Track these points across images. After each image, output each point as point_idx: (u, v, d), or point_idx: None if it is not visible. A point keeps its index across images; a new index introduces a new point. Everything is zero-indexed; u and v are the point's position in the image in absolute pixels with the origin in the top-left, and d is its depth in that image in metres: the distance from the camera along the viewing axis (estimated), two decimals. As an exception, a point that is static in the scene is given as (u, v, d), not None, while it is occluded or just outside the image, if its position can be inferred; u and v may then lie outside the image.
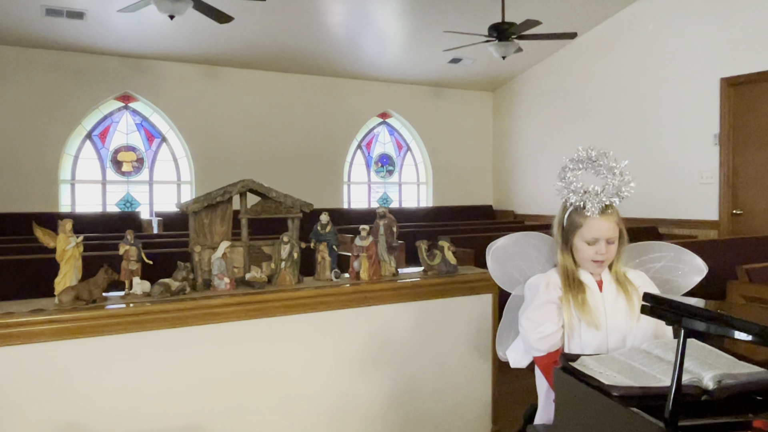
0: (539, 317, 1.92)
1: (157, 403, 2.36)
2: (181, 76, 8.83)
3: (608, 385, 1.46)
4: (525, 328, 1.94)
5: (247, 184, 2.74)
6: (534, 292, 1.97)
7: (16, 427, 2.12)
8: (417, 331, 2.93)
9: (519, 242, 2.14)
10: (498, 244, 2.13)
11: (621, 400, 1.41)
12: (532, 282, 2.01)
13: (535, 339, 1.91)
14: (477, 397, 3.09)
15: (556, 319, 1.92)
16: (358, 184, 10.70)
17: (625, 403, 1.40)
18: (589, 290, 1.93)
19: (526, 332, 1.94)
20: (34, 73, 7.97)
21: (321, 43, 8.57)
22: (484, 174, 11.33)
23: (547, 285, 1.95)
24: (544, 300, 1.93)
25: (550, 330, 1.90)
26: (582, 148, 1.95)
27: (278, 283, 2.72)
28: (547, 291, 1.94)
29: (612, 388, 1.45)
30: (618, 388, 1.44)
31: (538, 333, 1.90)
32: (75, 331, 2.21)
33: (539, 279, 1.99)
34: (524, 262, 2.09)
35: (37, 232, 2.27)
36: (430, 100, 10.79)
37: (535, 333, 1.91)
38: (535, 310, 1.93)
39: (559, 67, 9.58)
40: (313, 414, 2.69)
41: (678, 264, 2.10)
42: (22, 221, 7.14)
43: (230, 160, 8.99)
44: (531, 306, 1.95)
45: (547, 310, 1.92)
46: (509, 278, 2.13)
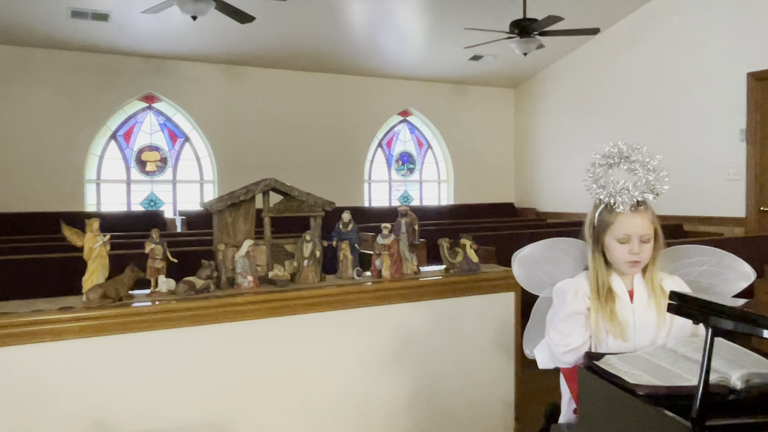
0: (566, 328, 1.84)
1: (182, 399, 2.39)
2: (203, 76, 8.92)
3: (633, 384, 1.44)
4: (552, 339, 1.87)
5: (270, 182, 2.77)
6: (561, 299, 1.89)
7: (45, 423, 2.16)
8: (439, 330, 2.92)
9: (547, 248, 2.05)
10: (525, 252, 2.05)
11: (647, 400, 1.40)
12: (560, 288, 1.93)
13: (562, 352, 1.84)
14: (499, 396, 3.08)
15: (583, 330, 1.84)
16: (379, 183, 10.71)
17: (651, 402, 1.39)
18: (619, 300, 1.84)
19: (553, 344, 1.86)
20: (60, 74, 8.10)
21: (342, 42, 8.59)
22: (506, 171, 11.27)
23: (575, 293, 1.87)
24: (571, 310, 1.85)
25: (577, 343, 1.83)
26: (612, 143, 1.89)
27: (301, 281, 2.74)
28: (575, 300, 1.85)
29: (637, 387, 1.43)
30: (644, 387, 1.42)
31: (564, 346, 1.83)
32: (102, 329, 2.25)
33: (568, 285, 1.90)
34: (553, 266, 2.01)
35: (66, 231, 2.31)
36: (450, 97, 10.75)
37: (562, 346, 1.83)
38: (562, 321, 1.86)
39: (582, 62, 9.49)
40: (336, 411, 2.71)
41: (721, 269, 1.99)
42: (49, 220, 7.26)
43: (252, 159, 9.06)
44: (558, 315, 1.88)
45: (574, 322, 1.85)
46: (537, 282, 2.06)
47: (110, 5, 6.99)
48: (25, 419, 2.14)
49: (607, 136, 8.59)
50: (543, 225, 8.16)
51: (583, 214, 2.02)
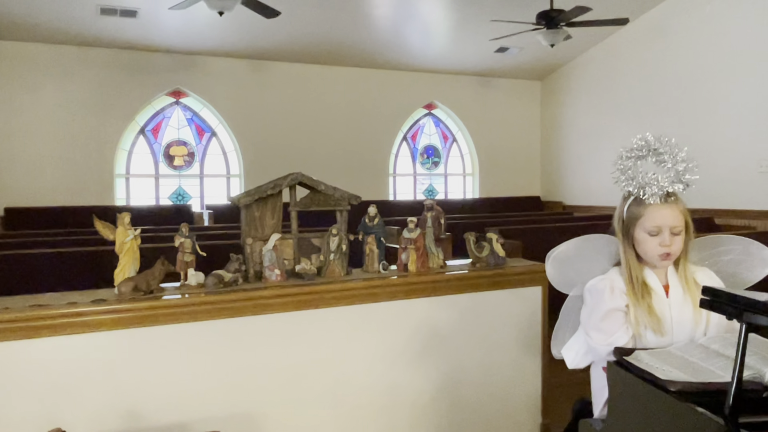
0: (609, 327, 1.80)
1: (210, 391, 2.42)
2: (229, 71, 8.99)
3: (665, 380, 1.42)
4: (595, 340, 1.82)
5: (296, 177, 2.78)
6: (598, 297, 1.84)
7: (77, 413, 2.21)
8: (465, 324, 2.92)
9: (580, 246, 2.00)
10: (559, 251, 2.02)
11: (678, 396, 1.38)
12: (594, 286, 1.87)
13: (608, 352, 1.77)
14: (526, 390, 3.06)
15: (625, 327, 1.80)
16: (404, 176, 10.71)
17: (683, 398, 1.37)
18: (655, 295, 1.81)
19: (597, 344, 1.81)
20: (90, 70, 8.25)
21: (366, 35, 8.59)
22: (532, 164, 11.17)
23: (612, 290, 1.82)
24: (610, 307, 1.80)
25: (623, 341, 1.78)
26: (640, 136, 1.85)
27: (327, 275, 2.76)
28: (613, 297, 1.81)
29: (669, 383, 1.41)
30: (675, 383, 1.40)
31: (609, 345, 1.78)
32: (133, 321, 2.29)
33: (603, 283, 1.85)
34: (584, 264, 1.96)
35: (98, 225, 2.35)
36: (476, 90, 10.69)
37: (607, 345, 1.78)
38: (603, 320, 1.81)
39: (610, 54, 9.34)
40: (362, 404, 2.72)
41: (746, 257, 1.95)
42: (81, 214, 7.42)
43: (278, 153, 9.12)
44: (596, 314, 1.83)
45: (615, 319, 1.80)
46: (567, 281, 2.02)
47: (138, 2, 7.08)
48: (58, 408, 2.19)
49: (635, 127, 8.46)
50: (570, 218, 8.07)
51: (611, 208, 1.99)
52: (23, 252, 3.95)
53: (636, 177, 1.81)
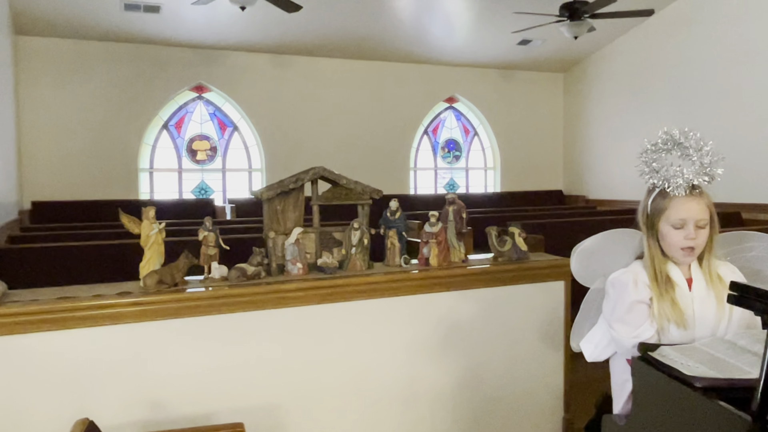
0: (633, 320, 1.78)
1: (234, 383, 2.45)
2: (251, 65, 9.04)
3: (691, 376, 1.41)
4: (620, 332, 1.80)
5: (318, 171, 2.79)
6: (622, 290, 1.82)
7: (102, 403, 2.25)
8: (487, 318, 2.91)
9: (605, 240, 2.00)
10: (584, 246, 2.01)
11: (704, 392, 1.36)
12: (617, 279, 1.85)
13: (633, 344, 1.76)
14: (549, 385, 3.05)
15: (650, 320, 1.78)
16: (425, 170, 10.68)
17: (709, 395, 1.35)
18: (678, 289, 1.79)
19: (622, 337, 1.80)
20: (114, 66, 8.35)
21: (388, 29, 8.57)
22: (554, 158, 11.08)
23: (635, 283, 1.80)
24: (634, 300, 1.79)
25: (648, 334, 1.76)
26: (664, 130, 1.83)
27: (349, 269, 2.77)
28: (637, 290, 1.79)
29: (695, 379, 1.39)
30: (701, 380, 1.38)
31: (634, 338, 1.76)
32: (158, 313, 2.32)
33: (626, 276, 1.83)
34: (609, 258, 1.95)
35: (123, 219, 2.39)
36: (498, 83, 10.62)
37: (632, 338, 1.77)
38: (627, 312, 1.79)
39: (635, 45, 9.21)
40: (384, 397, 2.73)
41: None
42: (106, 208, 7.53)
43: (299, 147, 9.16)
44: (621, 306, 1.81)
45: (639, 312, 1.78)
46: (592, 275, 2.02)
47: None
48: (85, 399, 2.23)
49: (660, 120, 8.35)
50: (593, 213, 8.00)
51: (635, 202, 1.98)
52: (51, 245, 4.03)
53: (661, 169, 1.79)
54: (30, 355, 2.17)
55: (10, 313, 2.13)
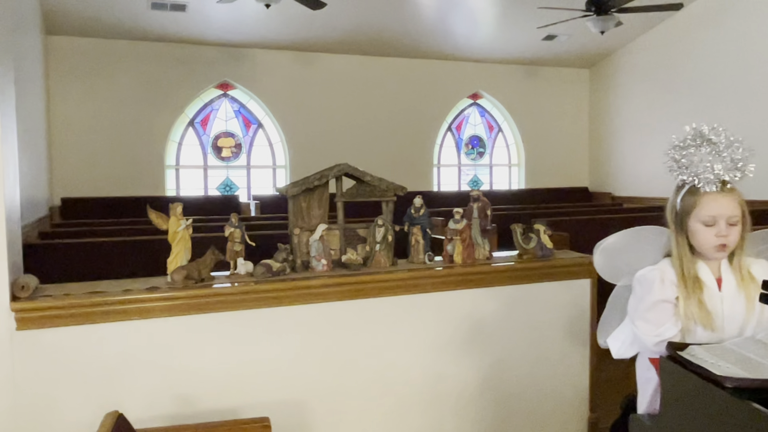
0: (657, 318, 1.75)
1: (259, 377, 2.48)
2: (276, 63, 9.10)
3: (720, 376, 1.39)
4: (642, 330, 1.78)
5: (343, 168, 2.80)
6: (647, 288, 1.79)
7: (130, 396, 2.29)
8: (512, 316, 2.90)
9: (630, 237, 1.97)
10: (608, 242, 1.98)
11: (734, 392, 1.34)
12: (644, 276, 1.82)
13: (654, 343, 1.75)
14: (574, 384, 3.03)
15: (674, 319, 1.75)
16: (448, 167, 10.65)
17: (739, 395, 1.33)
18: (707, 289, 1.75)
19: (644, 335, 1.77)
20: (141, 64, 8.46)
21: (411, 25, 8.55)
22: (580, 154, 10.97)
23: (662, 281, 1.76)
24: (659, 298, 1.75)
25: (671, 334, 1.73)
26: (693, 126, 1.79)
27: (373, 266, 2.77)
28: (663, 288, 1.76)
29: (725, 379, 1.37)
30: (732, 380, 1.36)
31: (656, 336, 1.74)
32: (185, 308, 2.36)
33: (653, 273, 1.79)
34: (635, 255, 1.91)
35: (152, 215, 2.43)
36: (522, 79, 10.54)
37: (653, 336, 1.75)
38: (650, 310, 1.76)
39: (663, 40, 9.06)
40: (408, 394, 2.74)
41: None
42: (133, 204, 7.65)
43: (323, 144, 9.19)
44: (645, 304, 1.78)
45: (663, 310, 1.75)
46: (617, 272, 1.99)
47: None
48: (114, 392, 2.28)
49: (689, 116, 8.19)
50: (619, 210, 7.90)
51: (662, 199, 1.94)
52: (80, 241, 4.10)
53: (690, 165, 1.75)
54: (61, 349, 2.22)
55: (42, 307, 2.18)
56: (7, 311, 2.14)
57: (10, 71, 2.40)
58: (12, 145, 2.34)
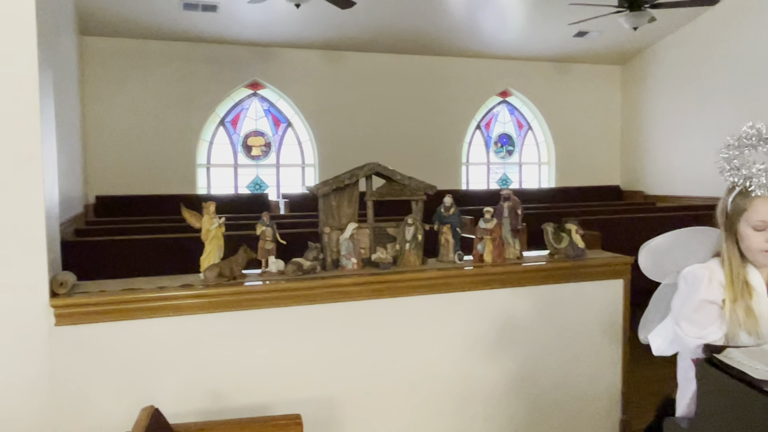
0: (702, 320, 1.71)
1: (289, 375, 2.50)
2: (305, 62, 9.15)
3: (760, 380, 1.36)
4: (686, 331, 1.73)
5: (373, 166, 2.81)
6: (694, 286, 1.74)
7: (164, 391, 2.34)
8: (542, 316, 2.88)
9: (678, 238, 1.94)
10: (655, 243, 1.96)
11: (774, 397, 1.32)
12: (692, 273, 1.77)
13: (696, 345, 1.70)
14: (605, 386, 3.00)
15: (719, 322, 1.70)
16: (477, 165, 10.60)
17: (780, 399, 1.31)
18: (755, 295, 1.70)
19: (687, 337, 1.73)
20: (173, 64, 8.59)
21: (440, 23, 8.52)
22: (611, 153, 10.81)
23: (710, 281, 1.72)
24: (705, 299, 1.71)
25: (715, 337, 1.69)
26: (751, 124, 1.73)
27: (403, 264, 2.78)
28: (710, 288, 1.71)
29: (764, 383, 1.35)
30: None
31: (699, 339, 1.70)
32: (218, 306, 2.39)
33: (701, 271, 1.75)
34: (682, 256, 1.87)
35: (185, 213, 2.47)
36: (553, 76, 10.42)
37: (697, 338, 1.70)
38: (696, 311, 1.72)
39: (697, 36, 8.88)
40: (437, 393, 2.74)
41: None
42: (165, 202, 7.77)
43: (351, 143, 9.22)
44: (690, 304, 1.74)
45: (709, 312, 1.71)
46: (662, 271, 1.95)
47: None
48: (148, 387, 2.32)
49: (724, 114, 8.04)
50: (652, 209, 7.76)
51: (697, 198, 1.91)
52: (115, 238, 4.19)
53: (742, 167, 1.70)
54: (97, 344, 2.27)
55: (79, 303, 2.24)
56: (46, 307, 2.20)
57: (50, 73, 2.46)
58: (51, 145, 2.40)
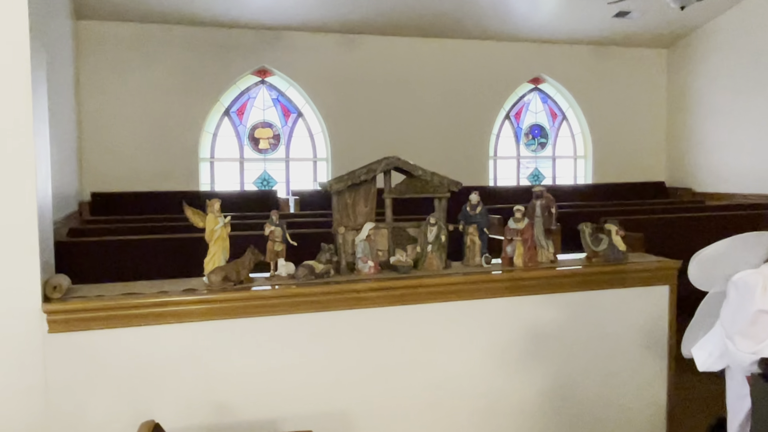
0: (757, 333, 1.68)
1: (299, 388, 2.51)
2: (317, 47, 9.17)
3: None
4: (740, 346, 1.70)
5: (392, 161, 2.81)
6: (746, 295, 1.72)
7: (165, 404, 2.35)
8: (578, 326, 2.86)
9: (732, 246, 1.91)
10: (706, 252, 1.94)
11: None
12: (743, 281, 1.75)
13: (751, 361, 1.68)
14: (648, 403, 2.97)
15: None
16: (506, 159, 10.56)
17: None
18: None
19: (741, 352, 1.70)
20: (174, 50, 8.67)
21: (466, 2, 8.49)
22: (655, 145, 10.70)
23: (765, 288, 1.69)
24: (760, 308, 1.68)
25: None
26: None
27: (424, 268, 2.78)
28: (765, 297, 1.68)
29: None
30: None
31: (754, 354, 1.67)
32: (223, 312, 2.41)
33: (754, 278, 1.73)
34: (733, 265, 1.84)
35: (188, 212, 2.49)
36: (590, 61, 10.34)
37: (752, 354, 1.68)
38: (751, 324, 1.69)
39: (753, 15, 8.75)
40: (461, 409, 2.73)
41: None
42: (166, 199, 7.85)
43: (368, 135, 9.23)
44: (743, 315, 1.71)
45: (765, 324, 1.68)
46: (711, 281, 1.95)
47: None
48: (148, 399, 2.34)
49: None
50: (701, 208, 7.68)
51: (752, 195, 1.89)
52: (112, 238, 4.24)
53: None
54: (94, 353, 2.30)
55: (73, 309, 2.26)
56: (39, 313, 2.22)
57: (42, 59, 2.49)
58: (45, 138, 2.43)
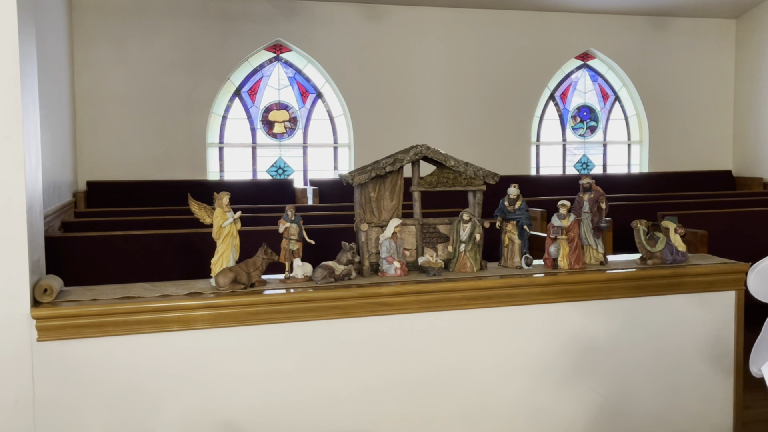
0: None
1: (317, 404, 2.52)
2: (338, 19, 9.15)
3: None
4: None
5: (421, 150, 2.80)
6: None
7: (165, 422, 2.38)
8: (632, 337, 2.84)
9: None
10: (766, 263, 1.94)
11: None
12: None
13: None
14: (712, 425, 2.94)
15: None
16: (550, 145, 10.48)
17: None
18: None
19: None
20: (179, 23, 8.70)
21: (505, -31, 8.43)
22: (721, 129, 10.54)
23: None
24: None
25: None
26: None
27: (457, 270, 2.77)
28: None
29: None
30: None
31: None
32: (232, 319, 2.42)
33: None
34: None
35: (193, 206, 2.50)
36: (647, 34, 10.20)
37: None
38: None
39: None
40: (500, 428, 2.72)
41: None
42: (170, 189, 7.92)
43: (394, 118, 9.20)
44: None
45: None
46: None
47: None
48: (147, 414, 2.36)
49: None
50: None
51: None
52: (109, 234, 4.28)
53: None
54: (87, 363, 2.32)
55: (66, 314, 2.28)
56: (27, 319, 2.25)
57: (31, 34, 2.51)
58: (35, 121, 2.46)
